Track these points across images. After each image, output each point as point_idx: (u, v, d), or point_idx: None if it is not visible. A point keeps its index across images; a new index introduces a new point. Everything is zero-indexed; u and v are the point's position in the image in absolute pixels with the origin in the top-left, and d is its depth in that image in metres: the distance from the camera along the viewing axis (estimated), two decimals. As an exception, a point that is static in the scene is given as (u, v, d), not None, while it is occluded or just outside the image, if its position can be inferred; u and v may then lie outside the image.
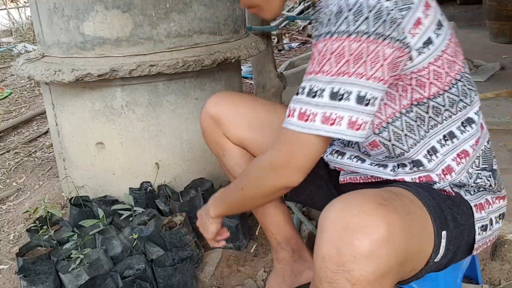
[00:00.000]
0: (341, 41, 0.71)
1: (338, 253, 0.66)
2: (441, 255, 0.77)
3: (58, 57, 1.52)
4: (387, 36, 0.71)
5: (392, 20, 0.71)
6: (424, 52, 0.76)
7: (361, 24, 0.70)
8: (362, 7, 0.70)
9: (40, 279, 1.22)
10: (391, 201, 0.71)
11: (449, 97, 0.81)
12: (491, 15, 3.48)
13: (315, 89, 0.73)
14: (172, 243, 1.35)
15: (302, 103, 0.74)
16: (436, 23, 0.78)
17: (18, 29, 5.92)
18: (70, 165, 1.67)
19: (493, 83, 2.55)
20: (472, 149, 0.84)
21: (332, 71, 0.72)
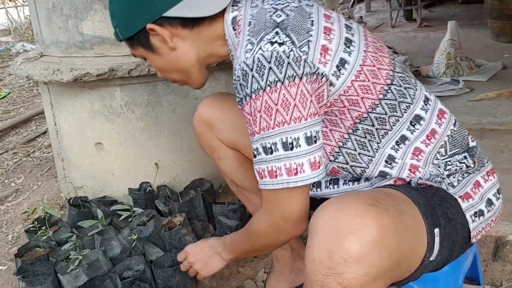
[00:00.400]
0: (261, 98, 0.75)
1: (329, 256, 0.65)
2: (436, 253, 0.76)
3: (56, 56, 1.52)
4: (301, 74, 0.74)
5: (296, 60, 0.74)
6: (342, 74, 0.78)
7: (268, 76, 0.74)
8: (261, 61, 0.74)
9: (38, 280, 1.21)
10: (382, 201, 0.71)
11: (387, 104, 0.81)
12: (493, 14, 3.47)
13: (268, 146, 0.77)
14: (172, 244, 1.34)
15: (265, 162, 0.79)
16: (344, 42, 0.80)
17: (17, 28, 5.91)
18: (69, 165, 1.66)
19: (495, 82, 2.54)
20: (425, 144, 0.83)
21: (270, 124, 0.75)
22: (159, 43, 0.88)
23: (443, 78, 2.64)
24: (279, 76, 0.73)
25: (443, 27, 3.34)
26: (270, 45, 0.74)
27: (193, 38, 0.87)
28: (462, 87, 2.45)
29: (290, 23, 0.77)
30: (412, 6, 4.75)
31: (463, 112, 2.14)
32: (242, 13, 0.84)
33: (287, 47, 0.74)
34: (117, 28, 0.90)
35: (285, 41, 0.75)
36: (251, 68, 0.75)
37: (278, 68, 0.73)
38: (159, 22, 0.84)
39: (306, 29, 0.77)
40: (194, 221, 1.47)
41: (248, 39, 0.78)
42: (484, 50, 3.28)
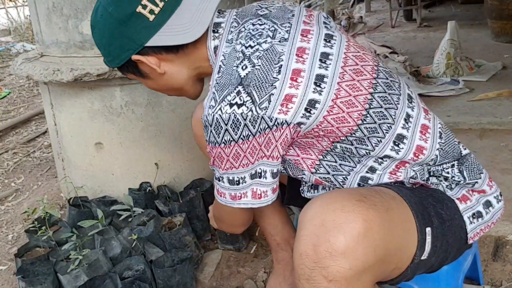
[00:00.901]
0: (216, 149, 0.81)
1: (314, 250, 0.67)
2: (428, 253, 0.76)
3: (57, 56, 1.51)
4: (256, 132, 0.76)
5: (253, 120, 0.76)
6: (313, 114, 0.77)
7: (224, 135, 0.78)
8: (219, 122, 0.77)
9: (38, 280, 1.21)
10: (370, 197, 0.71)
11: (366, 128, 0.79)
12: (493, 14, 3.47)
13: (236, 179, 0.83)
14: (172, 244, 1.34)
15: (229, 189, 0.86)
16: (314, 82, 0.77)
17: (17, 28, 5.91)
18: (69, 165, 1.66)
19: (495, 82, 2.54)
20: (412, 160, 0.82)
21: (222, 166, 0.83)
22: (148, 69, 0.89)
23: (443, 78, 2.64)
24: (234, 137, 0.77)
25: (443, 27, 3.34)
26: (229, 108, 0.76)
27: (180, 60, 0.88)
28: (462, 87, 2.45)
29: (254, 78, 0.76)
30: (412, 6, 4.74)
31: (463, 112, 2.14)
32: (220, 45, 0.85)
33: (246, 108, 0.76)
34: (104, 58, 0.92)
35: (245, 102, 0.76)
36: (210, 124, 0.78)
37: (234, 130, 0.77)
38: (143, 51, 0.85)
39: (270, 81, 0.76)
40: (194, 221, 1.47)
41: (213, 92, 0.79)
42: (484, 50, 3.28)
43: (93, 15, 0.88)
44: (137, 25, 0.82)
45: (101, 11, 0.85)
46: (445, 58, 2.70)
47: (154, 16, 0.82)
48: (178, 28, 0.83)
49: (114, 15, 0.83)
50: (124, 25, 0.83)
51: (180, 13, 0.83)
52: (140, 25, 0.82)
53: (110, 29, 0.84)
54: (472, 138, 1.90)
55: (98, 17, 0.86)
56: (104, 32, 0.86)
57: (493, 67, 2.76)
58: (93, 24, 0.89)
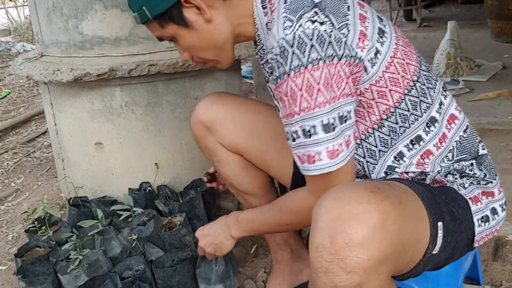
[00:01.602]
0: (302, 75, 0.72)
1: (332, 241, 0.66)
2: (439, 247, 0.77)
3: (57, 56, 1.52)
4: (342, 55, 0.74)
5: (337, 40, 0.73)
6: (376, 63, 0.78)
7: (310, 53, 0.72)
8: (302, 38, 0.72)
9: (38, 280, 1.21)
10: (383, 189, 0.71)
11: (410, 100, 0.82)
12: (493, 14, 3.47)
13: (307, 129, 0.75)
14: (172, 244, 1.34)
15: (304, 147, 0.76)
16: (377, 32, 0.80)
17: (17, 28, 5.91)
18: (69, 165, 1.66)
19: (495, 82, 2.54)
20: (436, 147, 0.84)
21: (311, 105, 0.74)
22: (194, 16, 0.83)
23: (443, 78, 2.64)
24: (321, 54, 0.71)
25: (443, 27, 3.34)
26: (311, 23, 0.72)
27: (226, 10, 0.84)
28: (462, 87, 2.45)
29: (328, 5, 0.75)
30: (412, 6, 4.75)
31: (463, 112, 2.13)
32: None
33: (328, 27, 0.72)
34: (144, 6, 0.83)
35: (325, 21, 0.73)
36: (292, 44, 0.72)
37: (320, 46, 0.71)
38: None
39: (343, 13, 0.76)
40: (194, 221, 1.47)
41: (285, 16, 0.75)
42: (484, 50, 3.28)
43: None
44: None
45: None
46: (445, 58, 2.70)
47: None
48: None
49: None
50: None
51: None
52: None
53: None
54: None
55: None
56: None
57: (493, 67, 2.76)
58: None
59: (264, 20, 0.84)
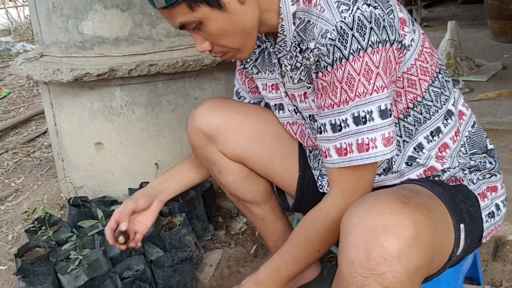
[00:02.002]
0: (361, 59, 0.70)
1: (367, 256, 0.64)
2: (462, 249, 0.77)
3: (57, 56, 1.52)
4: (394, 40, 0.73)
5: (390, 25, 0.72)
6: (410, 50, 0.78)
7: (370, 36, 0.70)
8: (362, 21, 0.70)
9: (38, 280, 1.21)
10: (412, 199, 0.70)
11: (433, 91, 0.82)
12: (493, 14, 3.47)
13: (362, 114, 0.72)
14: (172, 244, 1.34)
15: (354, 135, 0.73)
16: (410, 19, 0.80)
17: (17, 28, 5.91)
18: (69, 165, 1.66)
19: (495, 82, 2.54)
20: (452, 141, 0.84)
21: (368, 90, 0.71)
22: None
23: (443, 78, 2.64)
24: (380, 37, 0.70)
25: (443, 27, 3.34)
26: (367, 7, 0.71)
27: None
28: (462, 87, 2.45)
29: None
30: (412, 6, 4.74)
31: (463, 112, 2.14)
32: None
33: (381, 12, 0.72)
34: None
35: (376, 5, 0.72)
36: (351, 27, 0.70)
37: (378, 29, 0.70)
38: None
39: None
40: (194, 221, 1.47)
41: (337, 1, 0.72)
42: (484, 50, 3.28)
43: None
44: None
45: None
46: (445, 58, 2.70)
47: None
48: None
49: None
50: None
51: None
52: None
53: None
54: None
55: None
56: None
57: (493, 67, 2.76)
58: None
59: (291, 10, 0.79)
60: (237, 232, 1.53)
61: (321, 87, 0.76)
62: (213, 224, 1.55)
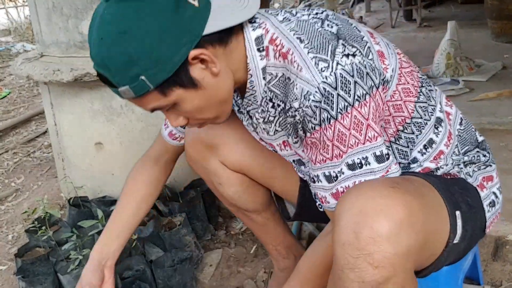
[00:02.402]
0: (349, 115, 0.69)
1: (357, 237, 0.64)
2: (460, 236, 0.76)
3: (57, 56, 1.52)
4: (378, 84, 0.72)
5: (372, 68, 0.71)
6: (392, 79, 0.76)
7: (356, 90, 0.69)
8: (345, 77, 0.68)
9: (38, 280, 1.21)
10: (403, 184, 0.70)
11: (420, 107, 0.81)
12: (493, 14, 3.47)
13: (357, 161, 0.71)
14: (172, 244, 1.34)
15: (353, 177, 0.72)
16: (385, 43, 0.78)
17: (17, 28, 5.92)
18: (69, 165, 1.66)
19: (495, 82, 2.54)
20: (446, 146, 0.84)
21: (361, 140, 0.70)
22: (201, 73, 0.71)
23: (443, 78, 2.64)
24: (365, 88, 0.69)
25: (443, 27, 3.34)
26: (347, 58, 0.69)
27: (226, 58, 0.74)
28: (462, 87, 2.45)
29: (345, 32, 0.72)
30: (412, 6, 4.74)
31: (463, 112, 2.09)
32: (271, 30, 0.74)
33: (360, 58, 0.70)
34: (142, 76, 0.67)
35: (355, 52, 0.70)
36: (335, 87, 0.68)
37: (362, 80, 0.69)
38: (200, 45, 0.69)
39: (359, 36, 0.73)
40: (194, 221, 1.47)
41: (314, 57, 0.69)
42: (484, 50, 3.28)
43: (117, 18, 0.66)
44: (187, 12, 0.67)
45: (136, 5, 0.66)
46: (445, 58, 2.70)
47: (197, 1, 0.69)
48: (226, 10, 0.71)
49: (162, 2, 0.66)
50: (175, 13, 0.66)
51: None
52: (191, 12, 0.67)
53: (159, 21, 0.65)
54: (472, 138, 1.90)
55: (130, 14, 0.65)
56: (149, 30, 0.65)
57: (493, 67, 2.76)
58: (122, 29, 0.65)
59: (260, 65, 0.76)
60: (237, 232, 1.53)
61: (311, 143, 0.75)
62: (213, 224, 1.55)
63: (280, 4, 7.46)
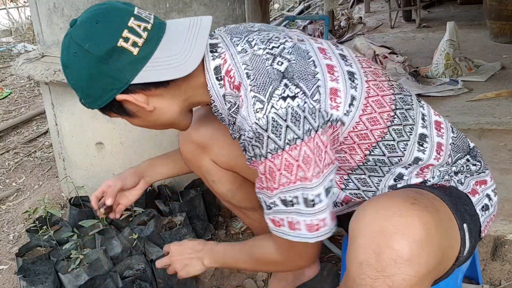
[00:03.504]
0: (280, 157, 0.71)
1: (377, 258, 0.64)
2: (467, 249, 0.76)
3: (58, 56, 1.52)
4: (317, 127, 0.71)
5: (311, 112, 0.70)
6: (351, 111, 0.75)
7: (287, 134, 0.70)
8: (276, 121, 0.70)
9: (39, 279, 1.22)
10: (420, 199, 0.70)
11: (394, 130, 0.79)
12: (492, 14, 3.48)
13: (288, 199, 0.74)
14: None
15: (285, 213, 0.76)
16: (348, 78, 0.76)
17: (18, 29, 5.92)
18: (69, 165, 1.66)
19: (494, 83, 2.55)
20: (436, 160, 0.83)
21: (292, 179, 0.72)
22: (135, 108, 0.79)
23: (442, 79, 2.65)
24: (298, 133, 0.69)
25: (442, 27, 3.35)
26: (283, 101, 0.69)
27: (171, 94, 0.78)
28: (460, 88, 2.46)
29: (295, 70, 0.72)
30: (411, 6, 4.75)
31: (461, 112, 2.14)
32: (228, 61, 0.76)
33: (301, 100, 0.70)
34: (82, 100, 0.81)
35: (296, 94, 0.70)
36: (266, 129, 0.70)
37: (296, 125, 0.69)
38: (129, 89, 0.75)
39: (312, 73, 0.72)
40: (194, 221, 1.47)
41: (254, 96, 0.71)
42: (483, 51, 3.29)
43: (64, 53, 0.76)
44: (120, 61, 0.72)
45: (75, 48, 0.74)
46: (444, 58, 2.71)
47: (138, 49, 0.72)
48: (168, 61, 0.73)
49: (92, 52, 0.72)
50: (105, 63, 0.72)
51: (168, 43, 0.74)
52: (124, 61, 0.72)
53: (89, 69, 0.73)
54: (471, 138, 1.89)
55: (72, 55, 0.75)
56: (80, 73, 0.75)
57: (492, 67, 2.77)
58: (65, 63, 0.77)
59: (220, 92, 0.79)
60: (237, 231, 1.54)
61: (252, 167, 0.78)
62: (213, 224, 1.56)
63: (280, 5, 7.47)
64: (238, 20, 1.65)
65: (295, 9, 6.52)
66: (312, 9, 6.26)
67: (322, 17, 3.74)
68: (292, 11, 6.50)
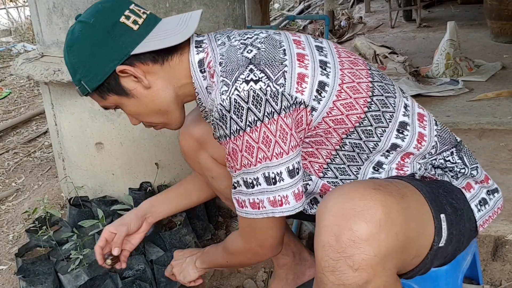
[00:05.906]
0: (241, 138, 0.74)
1: (337, 240, 0.66)
2: (445, 239, 0.77)
3: (57, 56, 1.52)
4: (280, 109, 0.74)
5: (273, 95, 0.74)
6: (324, 97, 0.77)
7: (248, 116, 0.73)
8: (238, 102, 0.73)
9: (39, 279, 1.22)
10: (385, 186, 0.72)
11: (372, 115, 0.81)
12: (492, 14, 3.48)
13: (249, 180, 0.78)
14: (172, 244, 1.34)
15: (247, 195, 0.79)
16: (320, 66, 0.79)
17: (17, 28, 5.92)
18: (69, 165, 1.66)
19: (494, 83, 2.55)
20: (416, 149, 0.84)
21: (252, 161, 0.75)
22: (132, 84, 0.83)
23: (442, 78, 2.65)
24: (258, 115, 0.73)
25: (442, 27, 3.35)
26: (246, 84, 0.73)
27: (166, 74, 0.84)
28: (461, 87, 2.46)
29: (262, 57, 0.76)
30: (412, 6, 4.76)
31: (462, 112, 2.14)
32: (210, 55, 0.82)
33: (264, 83, 0.73)
34: (82, 81, 0.84)
35: (260, 78, 0.74)
36: (228, 110, 0.74)
37: (257, 107, 0.73)
38: (128, 61, 0.81)
39: (279, 60, 0.76)
40: (194, 221, 1.47)
41: (222, 80, 0.76)
42: (483, 51, 3.29)
43: (69, 36, 0.84)
44: (122, 35, 0.80)
45: (80, 26, 0.82)
46: (445, 58, 2.71)
47: (138, 26, 0.81)
48: (164, 34, 0.81)
49: (97, 25, 0.80)
50: (108, 34, 0.80)
51: (163, 24, 0.83)
52: (125, 35, 0.80)
53: (93, 39, 0.80)
54: (472, 138, 1.90)
55: (77, 33, 0.82)
56: (85, 46, 0.81)
57: (493, 67, 2.77)
58: (70, 44, 0.83)
59: (203, 84, 0.83)
60: (237, 231, 1.54)
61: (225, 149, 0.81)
62: (213, 224, 1.56)
63: (280, 4, 7.48)
64: (238, 20, 1.65)
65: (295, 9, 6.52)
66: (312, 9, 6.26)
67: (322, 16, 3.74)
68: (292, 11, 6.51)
